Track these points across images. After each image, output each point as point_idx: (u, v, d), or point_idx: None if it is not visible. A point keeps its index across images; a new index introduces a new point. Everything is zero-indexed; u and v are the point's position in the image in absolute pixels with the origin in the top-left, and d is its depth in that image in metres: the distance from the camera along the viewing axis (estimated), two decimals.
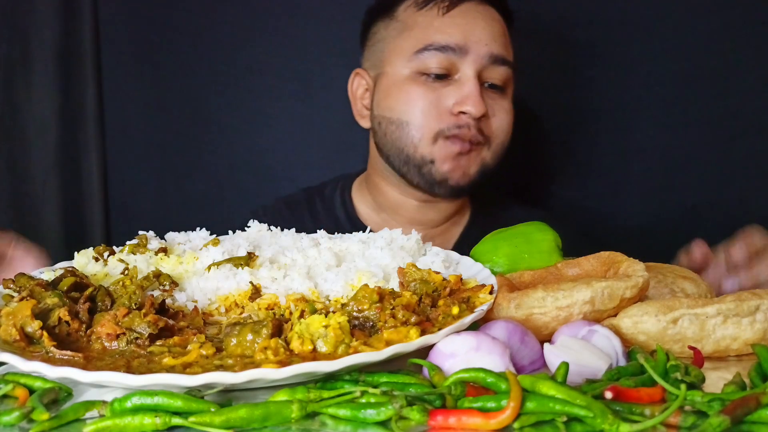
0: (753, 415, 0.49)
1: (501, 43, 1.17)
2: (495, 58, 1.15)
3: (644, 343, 0.65)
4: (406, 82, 1.17)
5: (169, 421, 0.49)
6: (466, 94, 1.13)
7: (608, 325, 0.65)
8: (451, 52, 1.13)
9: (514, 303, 0.67)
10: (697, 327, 0.64)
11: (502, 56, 1.16)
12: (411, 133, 1.15)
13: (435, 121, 1.14)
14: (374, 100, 1.23)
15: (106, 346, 0.58)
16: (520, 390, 0.49)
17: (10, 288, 0.68)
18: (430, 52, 1.14)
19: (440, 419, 0.48)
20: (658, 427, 0.48)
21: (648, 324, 0.64)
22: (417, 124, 1.15)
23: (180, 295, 0.69)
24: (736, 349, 0.65)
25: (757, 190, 1.51)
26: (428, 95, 1.15)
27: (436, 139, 1.14)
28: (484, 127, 1.16)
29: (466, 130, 1.13)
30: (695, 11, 1.50)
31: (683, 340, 0.64)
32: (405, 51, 1.18)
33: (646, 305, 0.65)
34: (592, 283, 0.66)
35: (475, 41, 1.14)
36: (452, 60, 1.14)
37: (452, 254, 0.84)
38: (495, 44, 1.15)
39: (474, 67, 1.14)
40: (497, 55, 1.15)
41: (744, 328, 0.64)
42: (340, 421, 0.50)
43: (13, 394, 0.54)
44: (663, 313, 0.64)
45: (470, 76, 1.14)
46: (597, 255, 0.79)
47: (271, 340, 0.56)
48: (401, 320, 0.60)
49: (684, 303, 0.65)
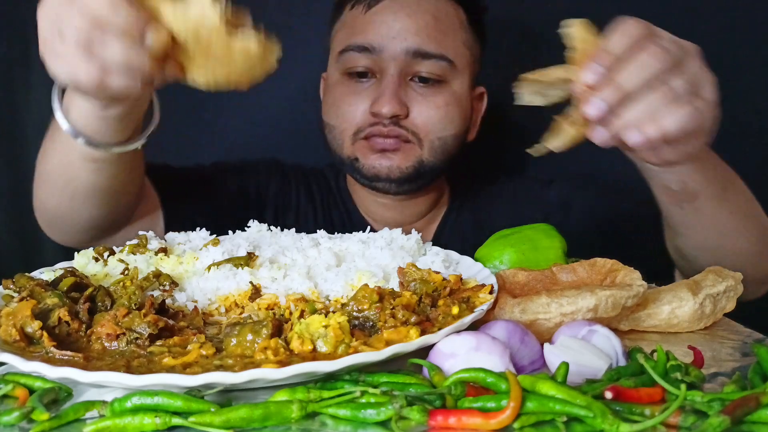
0: (753, 415, 0.49)
1: (426, 36, 1.11)
2: (416, 53, 1.10)
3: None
4: (335, 84, 1.17)
5: (169, 421, 0.49)
6: (380, 94, 1.10)
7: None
8: (367, 51, 1.11)
9: (519, 307, 0.68)
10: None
11: (424, 50, 1.10)
12: (336, 135, 1.16)
13: (353, 123, 1.13)
14: (323, 104, 1.24)
15: (106, 346, 0.58)
16: (520, 390, 0.49)
17: (10, 288, 0.68)
18: (349, 53, 1.13)
19: (440, 419, 0.48)
20: (658, 427, 0.48)
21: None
22: (339, 126, 1.15)
23: (180, 295, 0.69)
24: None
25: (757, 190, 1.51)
26: (348, 97, 1.14)
27: (355, 140, 1.14)
28: (406, 124, 1.11)
29: (380, 127, 1.11)
30: (695, 11, 1.50)
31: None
32: (333, 52, 1.18)
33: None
34: (596, 291, 0.67)
35: (391, 37, 1.10)
36: (372, 59, 1.12)
37: (452, 254, 0.85)
38: (416, 38, 1.10)
39: (393, 65, 1.10)
40: (417, 49, 1.10)
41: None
42: (340, 421, 0.50)
43: (13, 394, 0.54)
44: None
45: (387, 74, 1.11)
46: (591, 262, 0.79)
47: (271, 340, 0.56)
48: (401, 320, 0.60)
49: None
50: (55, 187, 0.88)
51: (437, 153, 1.15)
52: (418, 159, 1.13)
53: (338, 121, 1.15)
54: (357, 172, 1.16)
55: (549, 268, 0.80)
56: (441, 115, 1.13)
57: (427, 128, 1.13)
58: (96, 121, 0.76)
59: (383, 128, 1.11)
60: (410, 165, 1.13)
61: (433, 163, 1.15)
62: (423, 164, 1.14)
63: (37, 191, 0.92)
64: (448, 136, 1.15)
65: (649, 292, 0.72)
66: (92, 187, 0.86)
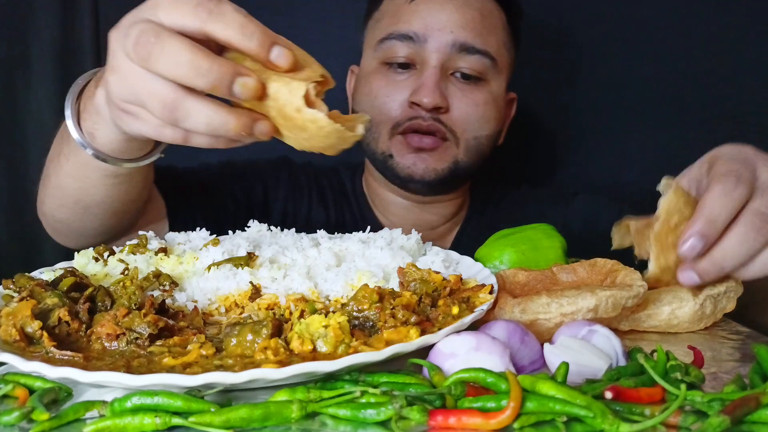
0: (753, 415, 0.49)
1: (472, 31, 1.09)
2: (462, 47, 1.08)
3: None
4: (372, 74, 1.13)
5: (169, 421, 0.49)
6: (421, 84, 1.07)
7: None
8: (410, 40, 1.09)
9: (519, 307, 0.68)
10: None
11: (470, 44, 1.09)
12: (371, 128, 1.12)
13: (391, 114, 1.10)
14: (354, 95, 1.21)
15: (106, 346, 0.58)
16: (520, 390, 0.49)
17: (10, 288, 0.68)
18: (391, 41, 1.10)
19: (440, 419, 0.48)
20: (658, 427, 0.48)
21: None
22: (375, 118, 1.11)
23: (180, 295, 0.69)
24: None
25: None
26: (386, 87, 1.10)
27: (392, 134, 1.10)
28: (445, 120, 1.09)
29: (420, 121, 1.08)
30: (695, 11, 1.50)
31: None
32: (372, 41, 1.15)
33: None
34: (597, 292, 0.67)
35: (437, 28, 1.08)
36: (414, 49, 1.09)
37: (452, 254, 0.85)
38: (463, 32, 1.08)
39: (436, 56, 1.08)
40: (463, 42, 1.08)
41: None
42: (340, 421, 0.50)
43: (13, 394, 0.54)
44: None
45: (430, 66, 1.08)
46: (591, 262, 0.79)
47: (271, 340, 0.55)
48: (401, 320, 0.60)
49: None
50: (67, 200, 0.86)
51: (472, 153, 1.12)
52: (453, 159, 1.11)
53: (374, 112, 1.11)
54: (389, 170, 1.12)
55: (549, 268, 0.80)
56: (480, 113, 1.11)
57: (465, 126, 1.10)
58: (124, 143, 0.74)
59: (423, 122, 1.08)
60: (446, 167, 1.11)
61: (467, 164, 1.13)
62: (458, 165, 1.12)
63: (46, 201, 0.90)
64: (483, 137, 1.13)
65: (649, 292, 0.72)
66: (108, 200, 0.85)
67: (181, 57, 0.53)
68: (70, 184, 0.84)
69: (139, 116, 0.60)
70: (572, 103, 1.58)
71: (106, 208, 0.87)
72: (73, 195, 0.85)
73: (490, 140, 1.16)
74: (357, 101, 1.17)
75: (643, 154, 1.56)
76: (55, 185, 0.86)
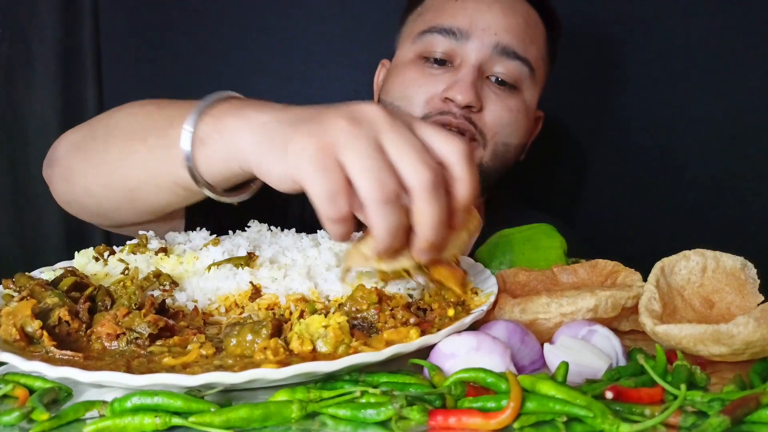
0: (753, 415, 0.49)
1: (516, 36, 1.08)
2: (503, 50, 1.07)
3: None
4: (407, 65, 1.12)
5: (169, 421, 0.49)
6: (456, 81, 1.05)
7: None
8: (452, 36, 1.07)
9: (519, 307, 0.68)
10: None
11: (511, 49, 1.07)
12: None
13: (422, 106, 1.08)
14: (383, 85, 1.19)
15: (106, 346, 0.58)
16: (520, 390, 0.49)
17: (10, 288, 0.68)
18: (432, 35, 1.09)
19: (440, 419, 0.48)
20: (658, 427, 0.48)
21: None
22: (405, 107, 1.09)
23: (180, 295, 0.69)
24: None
25: (757, 190, 1.51)
26: (421, 79, 1.09)
27: None
28: (476, 120, 1.07)
29: (450, 117, 1.05)
30: (695, 11, 1.50)
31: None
32: (412, 33, 1.14)
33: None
34: (596, 292, 0.67)
35: (482, 28, 1.07)
36: (454, 45, 1.07)
37: None
38: (506, 35, 1.07)
39: (475, 56, 1.06)
40: (505, 46, 1.07)
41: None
42: (340, 421, 0.50)
43: (13, 394, 0.54)
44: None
45: (468, 64, 1.06)
46: (592, 263, 0.79)
47: (270, 340, 0.55)
48: (401, 320, 0.60)
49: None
50: (117, 185, 0.79)
51: (498, 160, 1.11)
52: (478, 161, 1.08)
53: (405, 102, 1.09)
54: None
55: (550, 269, 0.80)
56: (512, 119, 1.09)
57: (496, 129, 1.08)
58: (228, 177, 0.69)
59: (453, 119, 1.05)
60: None
61: (491, 169, 1.11)
62: (482, 168, 1.09)
63: (83, 181, 0.82)
64: (511, 144, 1.11)
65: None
66: (163, 205, 0.80)
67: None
68: (132, 174, 0.76)
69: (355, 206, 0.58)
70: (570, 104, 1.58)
71: (155, 210, 0.82)
72: (128, 185, 0.77)
73: (517, 150, 1.14)
74: (386, 90, 1.15)
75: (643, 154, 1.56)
76: (108, 162, 0.78)
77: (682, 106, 1.53)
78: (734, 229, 1.51)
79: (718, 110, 1.51)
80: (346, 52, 1.49)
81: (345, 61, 1.43)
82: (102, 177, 0.80)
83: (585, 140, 1.60)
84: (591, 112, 1.59)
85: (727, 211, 1.51)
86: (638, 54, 1.53)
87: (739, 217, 1.51)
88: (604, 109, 1.57)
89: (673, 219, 1.54)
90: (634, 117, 1.55)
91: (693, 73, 1.51)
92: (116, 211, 0.84)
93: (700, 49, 1.50)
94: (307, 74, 1.56)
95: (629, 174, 1.57)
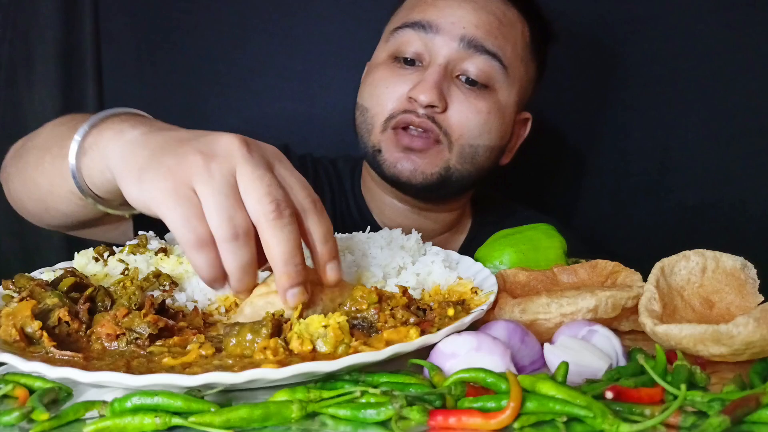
0: (753, 415, 0.49)
1: (486, 32, 1.06)
2: (470, 43, 1.04)
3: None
4: (379, 66, 1.11)
5: (169, 421, 0.49)
6: (421, 80, 1.04)
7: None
8: (422, 29, 1.06)
9: (519, 307, 0.68)
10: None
11: (479, 42, 1.04)
12: (367, 119, 1.09)
13: (387, 106, 1.07)
14: (360, 87, 1.18)
15: (106, 346, 0.58)
16: (520, 390, 0.49)
17: (10, 288, 0.68)
18: (403, 30, 1.08)
19: (440, 419, 0.48)
20: (658, 427, 0.48)
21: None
22: (372, 108, 1.08)
23: (180, 295, 0.69)
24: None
25: (757, 190, 1.51)
26: (391, 78, 1.08)
27: (385, 127, 1.07)
28: (441, 120, 1.04)
29: (413, 116, 1.03)
30: (695, 11, 1.50)
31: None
32: (387, 32, 1.14)
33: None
34: (596, 292, 0.67)
35: (451, 21, 1.05)
36: (424, 39, 1.06)
37: (452, 254, 0.84)
38: (475, 30, 1.05)
39: (443, 52, 1.05)
40: (472, 39, 1.04)
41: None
42: (340, 421, 0.50)
43: (13, 394, 0.54)
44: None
45: (436, 63, 1.05)
46: (592, 263, 0.79)
47: (270, 340, 0.56)
48: (401, 320, 0.60)
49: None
50: (33, 194, 0.84)
51: (466, 161, 1.07)
52: (444, 165, 1.06)
53: (372, 102, 1.09)
54: (377, 167, 1.09)
55: (550, 269, 0.80)
56: (480, 120, 1.06)
57: (462, 130, 1.05)
58: (114, 192, 0.69)
59: (415, 118, 1.04)
60: (435, 171, 1.05)
61: (460, 172, 1.08)
62: (449, 171, 1.07)
63: (13, 178, 0.87)
64: (480, 146, 1.08)
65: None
66: (69, 214, 0.82)
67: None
68: (42, 183, 0.81)
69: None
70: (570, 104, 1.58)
71: (69, 217, 0.84)
72: (39, 194, 0.82)
73: (490, 152, 1.11)
74: (360, 92, 1.15)
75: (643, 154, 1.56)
76: (26, 171, 0.83)
77: (682, 106, 1.53)
78: (734, 229, 1.51)
79: (718, 110, 1.51)
80: (346, 52, 1.49)
81: (345, 61, 1.43)
82: (24, 185, 0.85)
83: (584, 140, 1.60)
84: (591, 112, 1.59)
85: (727, 211, 1.51)
86: (638, 54, 1.53)
87: (739, 217, 1.51)
88: (603, 109, 1.57)
89: (673, 219, 1.54)
90: (634, 117, 1.55)
91: (693, 73, 1.51)
92: (41, 216, 0.88)
93: (700, 49, 1.50)
94: (307, 74, 1.56)
95: (629, 174, 1.57)
